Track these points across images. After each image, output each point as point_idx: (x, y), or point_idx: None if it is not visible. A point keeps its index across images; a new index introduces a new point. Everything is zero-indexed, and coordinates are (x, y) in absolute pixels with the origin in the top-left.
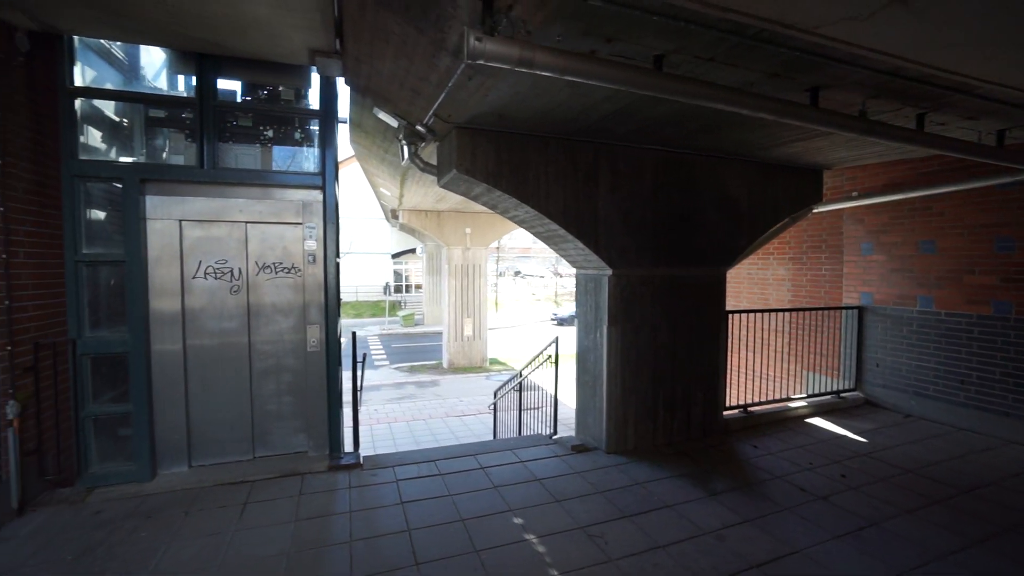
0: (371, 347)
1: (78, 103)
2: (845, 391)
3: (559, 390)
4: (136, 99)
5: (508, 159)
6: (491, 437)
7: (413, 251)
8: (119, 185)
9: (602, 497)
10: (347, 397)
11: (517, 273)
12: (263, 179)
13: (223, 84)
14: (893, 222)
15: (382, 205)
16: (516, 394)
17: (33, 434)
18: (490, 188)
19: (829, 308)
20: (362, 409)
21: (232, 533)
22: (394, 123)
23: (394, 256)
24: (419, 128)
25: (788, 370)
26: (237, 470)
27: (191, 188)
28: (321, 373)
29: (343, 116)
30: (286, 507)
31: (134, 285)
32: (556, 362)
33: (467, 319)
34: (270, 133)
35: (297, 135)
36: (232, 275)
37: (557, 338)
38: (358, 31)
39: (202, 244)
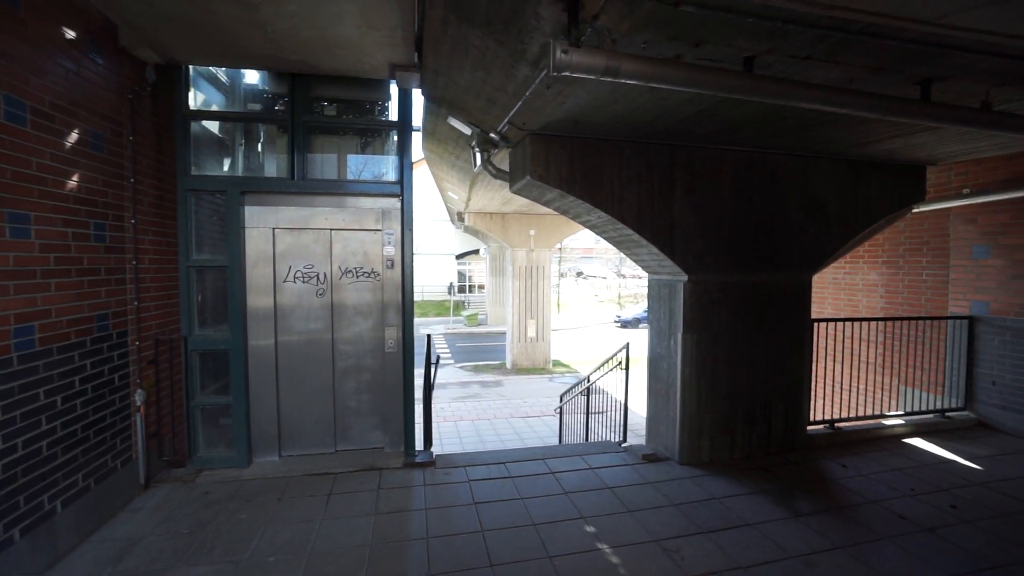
0: (437, 346)
1: (192, 124)
2: (951, 410)
3: (628, 396)
4: (238, 118)
5: (581, 164)
6: (556, 440)
7: (476, 252)
8: (222, 197)
9: (676, 510)
10: (417, 394)
11: (579, 274)
12: (347, 188)
13: (311, 101)
14: (1016, 222)
15: (448, 208)
16: (583, 398)
17: (154, 419)
18: (563, 194)
19: (932, 318)
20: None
21: (320, 522)
22: (467, 131)
23: (458, 257)
24: (492, 135)
25: (881, 384)
26: (321, 462)
27: (283, 198)
28: (398, 373)
29: (416, 125)
30: (367, 500)
31: (235, 288)
32: (627, 368)
33: (530, 320)
34: (352, 144)
35: (376, 145)
36: (318, 279)
37: (628, 344)
38: (438, 45)
39: (292, 250)
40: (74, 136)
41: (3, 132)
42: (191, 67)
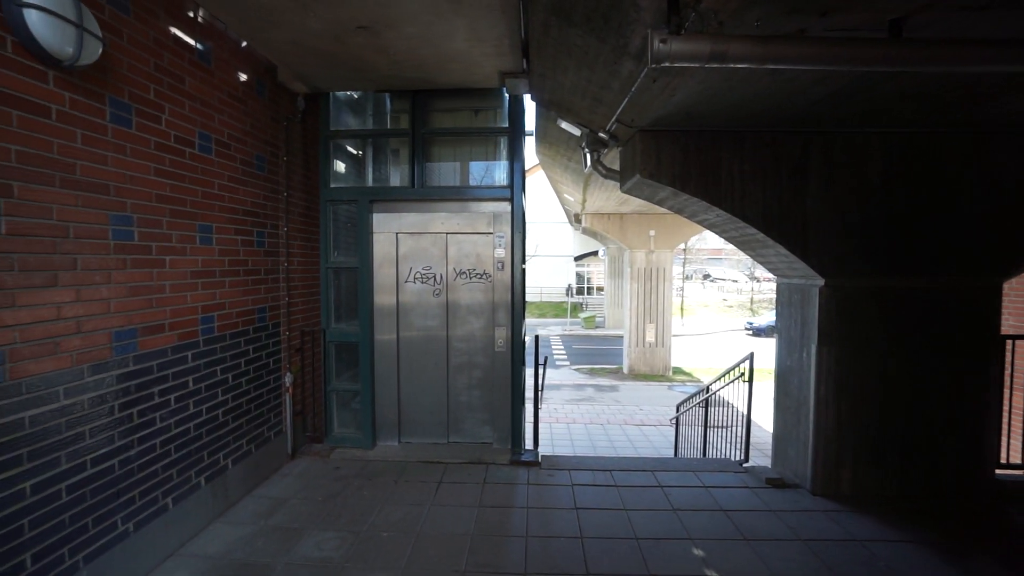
0: (553, 347)
1: (331, 143)
2: None
3: (752, 410)
4: (368, 134)
5: (696, 159)
6: (671, 453)
7: (595, 253)
8: (354, 206)
9: (804, 546)
10: (528, 394)
11: (706, 277)
12: (461, 194)
13: (429, 114)
14: None
15: (565, 210)
16: (701, 410)
17: (299, 399)
18: (676, 192)
19: None
20: (542, 407)
21: (429, 506)
22: (576, 132)
23: (576, 258)
24: (601, 135)
25: None
26: (434, 451)
27: (405, 205)
28: (506, 372)
29: (529, 129)
30: (472, 492)
31: (364, 287)
32: (751, 379)
33: (649, 325)
34: (466, 152)
35: (489, 152)
36: (435, 279)
37: (752, 353)
38: (542, 49)
39: (412, 253)
40: (244, 160)
41: (197, 161)
42: (331, 94)
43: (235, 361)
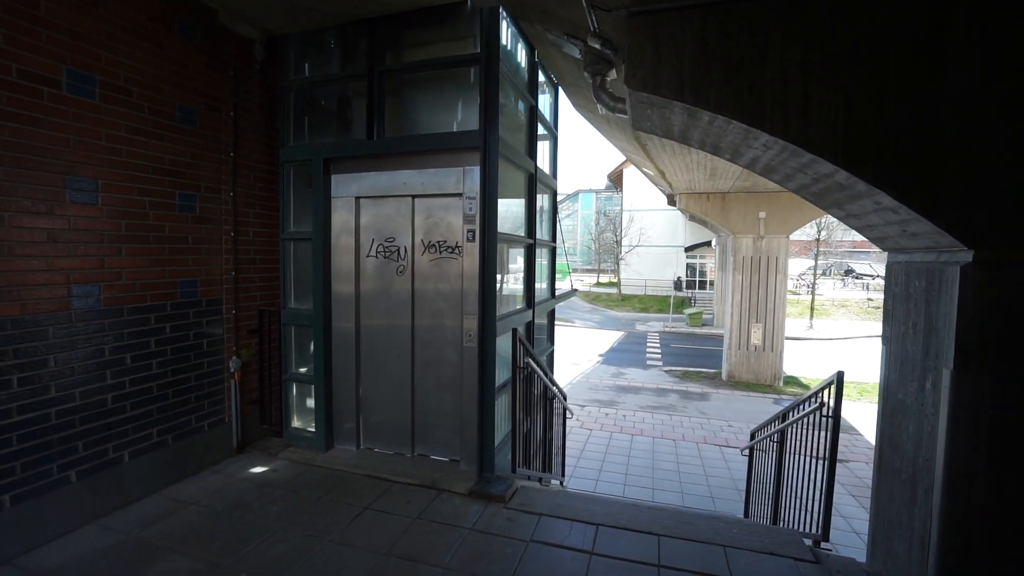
0: (648, 345)
1: (292, 96)
2: None
3: (835, 465)
4: (324, 80)
5: (721, 51)
6: (743, 496)
7: (708, 244)
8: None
9: None
10: (599, 396)
11: (848, 272)
12: (422, 144)
13: (394, 51)
14: None
15: (662, 192)
16: (778, 436)
17: (256, 386)
18: (690, 110)
19: None
20: (611, 412)
21: (327, 543)
22: (575, 52)
23: (687, 249)
24: (592, 44)
25: None
26: (392, 464)
27: (365, 163)
28: (474, 373)
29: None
30: (393, 530)
31: (318, 262)
32: (836, 414)
33: (756, 324)
34: (435, 95)
35: (462, 92)
36: (399, 254)
37: (841, 373)
38: None
39: (374, 222)
40: (156, 110)
41: (66, 104)
42: (291, 41)
43: (137, 340)
